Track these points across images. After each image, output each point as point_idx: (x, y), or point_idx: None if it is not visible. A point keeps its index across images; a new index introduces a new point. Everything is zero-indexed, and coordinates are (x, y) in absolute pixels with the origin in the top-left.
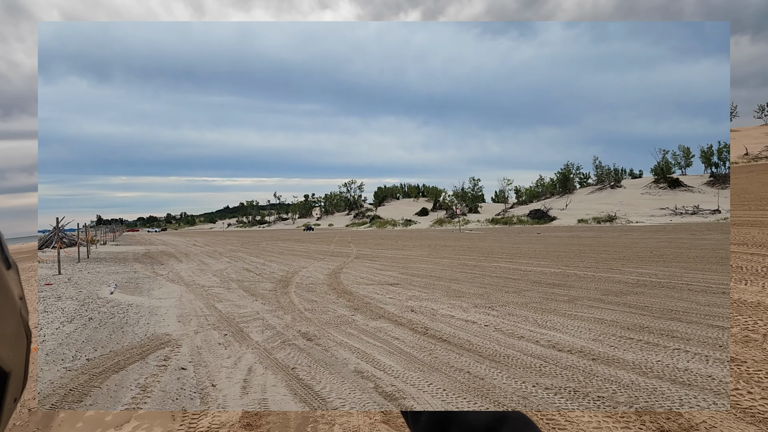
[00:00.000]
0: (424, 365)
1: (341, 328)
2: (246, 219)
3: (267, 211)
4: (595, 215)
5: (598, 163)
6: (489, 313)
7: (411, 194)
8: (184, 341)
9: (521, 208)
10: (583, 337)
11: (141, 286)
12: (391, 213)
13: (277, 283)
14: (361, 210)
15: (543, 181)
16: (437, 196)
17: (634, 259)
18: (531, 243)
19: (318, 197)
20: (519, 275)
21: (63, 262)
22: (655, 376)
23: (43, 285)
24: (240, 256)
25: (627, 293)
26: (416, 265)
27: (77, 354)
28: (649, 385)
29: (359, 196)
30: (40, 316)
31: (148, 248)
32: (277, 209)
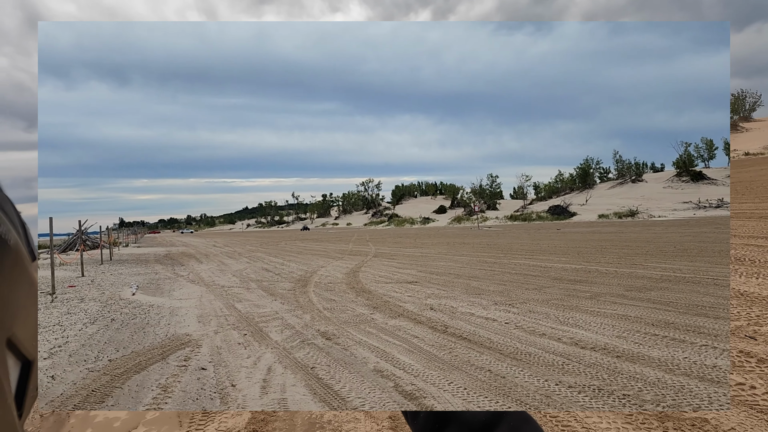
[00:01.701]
0: (444, 364)
1: (360, 327)
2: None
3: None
4: (616, 210)
5: (619, 157)
6: (509, 310)
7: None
8: (204, 341)
9: (540, 204)
10: (606, 334)
11: (162, 287)
12: (408, 211)
13: (296, 283)
14: (379, 209)
15: (562, 176)
16: (455, 193)
17: (658, 254)
18: (551, 239)
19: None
20: (539, 272)
21: (86, 264)
22: (682, 373)
23: (67, 287)
24: (259, 256)
25: (651, 289)
26: (435, 263)
27: (99, 355)
28: (676, 383)
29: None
30: (63, 318)
31: (168, 250)
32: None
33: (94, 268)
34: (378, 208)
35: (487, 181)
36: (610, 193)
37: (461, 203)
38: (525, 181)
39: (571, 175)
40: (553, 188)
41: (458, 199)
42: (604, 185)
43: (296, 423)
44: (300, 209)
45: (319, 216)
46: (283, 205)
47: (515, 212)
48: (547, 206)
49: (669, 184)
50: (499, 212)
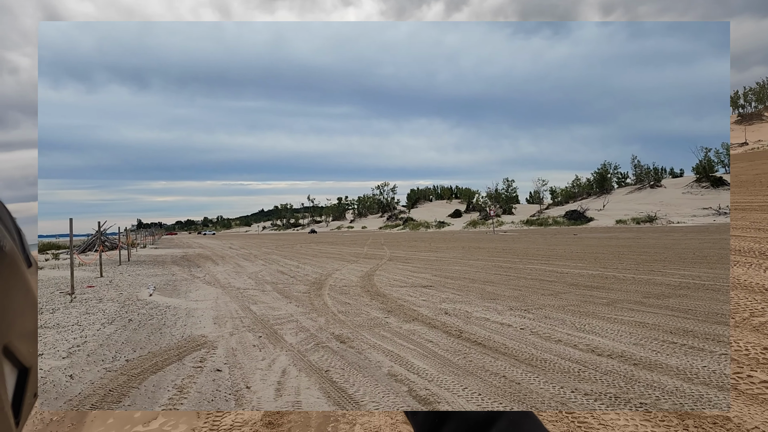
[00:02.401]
0: (459, 369)
1: (375, 330)
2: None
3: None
4: (634, 216)
5: (637, 162)
6: (525, 316)
7: (444, 196)
8: (220, 343)
9: (557, 209)
10: (623, 341)
11: (178, 289)
12: (424, 215)
13: (310, 286)
14: (394, 212)
15: (579, 181)
16: (470, 197)
17: (676, 260)
18: (567, 244)
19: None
20: (555, 277)
21: (105, 264)
22: (701, 382)
23: (86, 287)
24: (274, 258)
25: (669, 296)
26: (450, 267)
27: (117, 355)
28: (695, 392)
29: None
30: (82, 318)
31: (185, 251)
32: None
33: (112, 268)
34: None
35: (503, 185)
36: (628, 198)
37: (477, 207)
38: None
39: (588, 180)
40: (570, 193)
41: (474, 203)
42: (622, 190)
43: (311, 415)
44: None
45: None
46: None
47: (531, 217)
48: (563, 211)
49: (688, 190)
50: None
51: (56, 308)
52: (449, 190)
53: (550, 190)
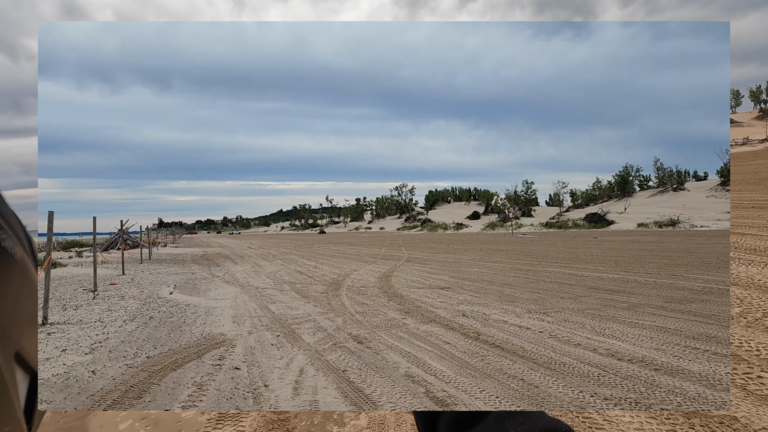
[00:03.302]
0: (476, 371)
1: (392, 331)
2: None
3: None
4: (656, 219)
5: (660, 165)
6: (543, 319)
7: (462, 198)
8: (239, 341)
9: (577, 211)
10: (644, 346)
11: (198, 287)
12: (442, 216)
13: (328, 286)
14: (412, 213)
15: (600, 183)
16: (489, 199)
17: (699, 265)
18: (587, 247)
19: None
20: (575, 280)
21: (126, 262)
22: (723, 389)
23: (108, 285)
24: (292, 258)
25: (692, 301)
26: (467, 269)
27: (138, 351)
28: (717, 399)
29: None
30: (104, 314)
31: (205, 250)
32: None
33: (134, 266)
34: (411, 213)
35: (522, 187)
36: (650, 201)
37: (495, 209)
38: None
39: (609, 183)
40: (591, 196)
41: (492, 205)
42: (644, 193)
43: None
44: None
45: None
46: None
47: (551, 219)
48: (583, 214)
49: (712, 193)
50: (534, 219)
51: (79, 305)
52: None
53: (571, 192)
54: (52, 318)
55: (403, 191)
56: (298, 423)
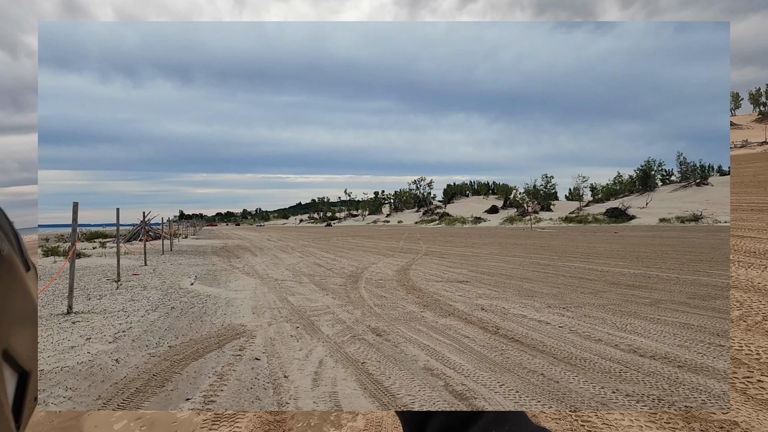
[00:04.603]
0: (496, 365)
1: (410, 324)
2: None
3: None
4: (678, 214)
5: (683, 159)
6: (563, 314)
7: (481, 192)
8: (258, 332)
9: (597, 206)
10: (667, 343)
11: (218, 278)
12: (460, 210)
13: (347, 279)
14: (430, 207)
15: (621, 178)
16: (508, 193)
17: (723, 261)
18: (608, 242)
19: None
20: (595, 275)
21: (148, 253)
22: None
23: (131, 275)
24: (311, 251)
25: (716, 297)
26: (486, 263)
27: (160, 341)
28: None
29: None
30: (127, 304)
31: (225, 242)
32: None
33: (155, 257)
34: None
35: (542, 181)
36: (673, 196)
37: (514, 203)
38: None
39: (630, 177)
40: (612, 190)
41: (511, 200)
42: (666, 188)
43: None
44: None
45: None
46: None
47: (570, 214)
48: (604, 208)
49: None
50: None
51: (103, 294)
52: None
53: (591, 186)
54: (77, 307)
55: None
56: (294, 424)
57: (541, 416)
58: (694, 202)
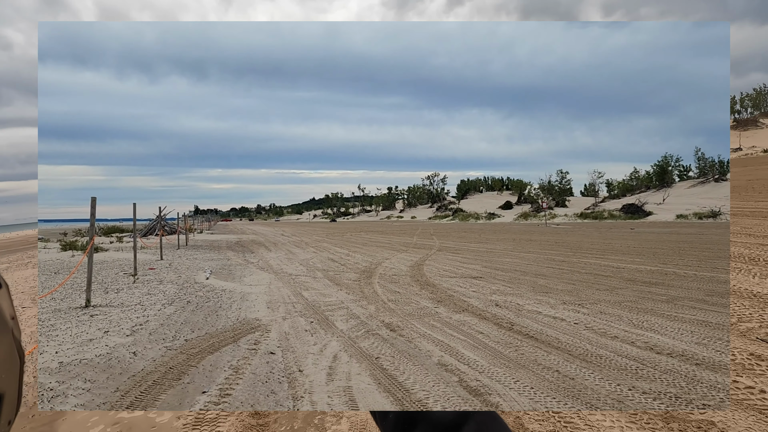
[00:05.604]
0: (510, 361)
1: (424, 320)
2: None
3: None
4: (696, 211)
5: (701, 155)
6: (579, 310)
7: (495, 187)
8: (273, 327)
9: (613, 202)
10: (684, 340)
11: (233, 273)
12: (474, 206)
13: (360, 274)
14: (444, 203)
15: (638, 173)
16: (522, 189)
17: None
18: (624, 239)
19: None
20: (611, 272)
21: (164, 248)
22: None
23: (147, 269)
24: (325, 246)
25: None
26: (500, 259)
27: (176, 334)
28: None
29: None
30: (144, 298)
31: (240, 237)
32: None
33: (171, 252)
34: (443, 202)
35: (557, 177)
36: (690, 192)
37: (528, 199)
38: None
39: (647, 173)
40: (628, 186)
41: (525, 195)
42: (684, 184)
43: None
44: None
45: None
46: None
47: (586, 210)
48: (620, 205)
49: None
50: (568, 209)
51: (120, 288)
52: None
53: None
54: (95, 300)
55: (435, 180)
56: (277, 428)
57: (524, 417)
58: (712, 199)
